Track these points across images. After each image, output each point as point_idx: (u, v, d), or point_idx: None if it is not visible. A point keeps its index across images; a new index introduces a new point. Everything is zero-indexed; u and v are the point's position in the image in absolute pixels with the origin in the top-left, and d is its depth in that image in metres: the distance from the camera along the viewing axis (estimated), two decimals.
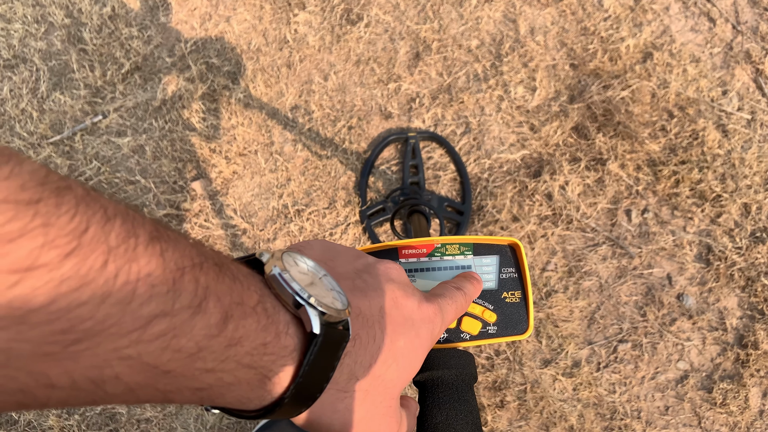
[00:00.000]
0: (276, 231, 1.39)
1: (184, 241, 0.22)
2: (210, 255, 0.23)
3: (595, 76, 1.46)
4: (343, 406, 0.29)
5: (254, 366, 0.24)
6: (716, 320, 1.28)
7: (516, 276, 0.48)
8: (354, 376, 0.29)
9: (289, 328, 0.25)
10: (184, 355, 0.21)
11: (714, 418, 1.23)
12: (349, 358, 0.29)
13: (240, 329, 0.23)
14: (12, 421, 1.29)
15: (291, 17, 1.54)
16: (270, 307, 0.25)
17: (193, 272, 0.21)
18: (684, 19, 1.51)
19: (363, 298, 0.31)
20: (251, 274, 0.26)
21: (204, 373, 0.22)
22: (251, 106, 1.47)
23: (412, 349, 0.32)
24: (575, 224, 1.35)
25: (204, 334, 0.21)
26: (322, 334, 0.25)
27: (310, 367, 0.25)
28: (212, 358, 0.22)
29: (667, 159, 1.38)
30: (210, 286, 0.22)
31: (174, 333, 0.20)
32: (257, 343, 0.24)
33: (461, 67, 1.48)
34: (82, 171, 1.45)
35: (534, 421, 1.24)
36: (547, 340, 1.29)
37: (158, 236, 0.21)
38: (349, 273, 0.33)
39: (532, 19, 1.52)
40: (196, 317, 0.21)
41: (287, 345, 0.25)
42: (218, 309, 0.22)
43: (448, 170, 1.41)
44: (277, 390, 0.25)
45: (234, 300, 0.23)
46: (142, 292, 0.19)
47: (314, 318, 0.25)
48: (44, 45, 1.55)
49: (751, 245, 1.32)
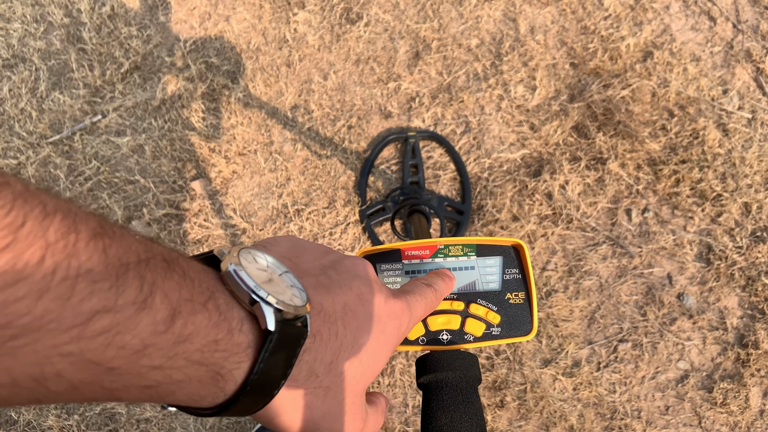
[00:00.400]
0: (276, 231, 1.38)
1: (130, 237, 0.22)
2: (159, 251, 0.23)
3: (595, 75, 1.45)
4: (303, 403, 0.28)
5: (205, 363, 0.23)
6: (717, 320, 1.28)
7: (520, 277, 0.47)
8: (314, 373, 0.29)
9: (243, 325, 0.25)
10: (129, 351, 0.20)
11: (714, 417, 1.23)
12: (309, 355, 0.28)
13: (189, 326, 0.22)
14: (12, 421, 1.29)
15: (290, 16, 1.54)
16: (223, 303, 0.25)
17: (138, 268, 0.21)
18: (684, 18, 1.50)
19: (326, 294, 0.31)
20: (205, 271, 0.26)
21: (151, 371, 0.22)
22: (251, 106, 1.47)
23: (377, 345, 0.32)
24: (575, 224, 1.35)
25: (150, 330, 0.21)
26: (277, 331, 0.25)
27: (266, 364, 0.25)
28: (159, 355, 0.21)
29: (668, 158, 1.38)
30: (157, 282, 0.21)
31: (117, 329, 0.20)
32: (208, 340, 0.23)
33: (461, 66, 1.48)
34: (81, 170, 1.44)
35: (534, 420, 1.24)
36: (547, 340, 1.29)
37: (102, 233, 0.20)
38: (314, 269, 0.33)
39: (532, 18, 1.51)
40: (142, 313, 0.21)
41: (240, 342, 0.25)
42: (165, 305, 0.21)
43: (447, 170, 1.41)
44: (231, 387, 0.25)
45: (183, 296, 0.22)
46: (82, 288, 0.19)
47: (269, 315, 0.25)
48: (43, 44, 1.55)
49: (752, 244, 1.31)
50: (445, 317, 0.46)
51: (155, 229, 1.39)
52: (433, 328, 0.45)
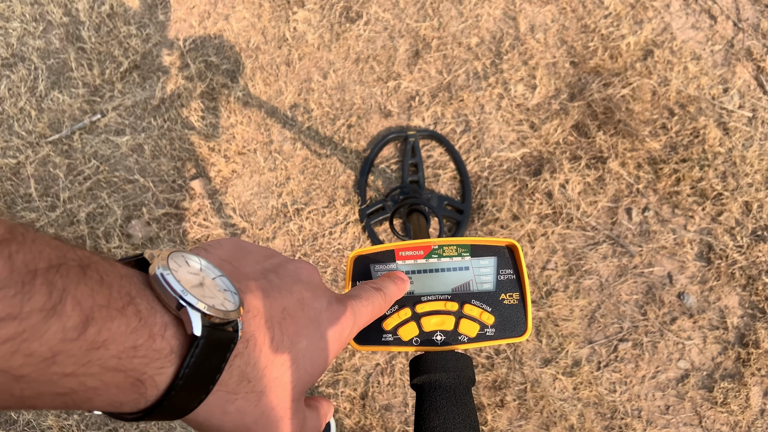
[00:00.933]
0: (275, 230, 1.38)
1: (42, 242, 0.22)
2: (74, 257, 0.23)
3: (595, 74, 1.45)
4: (234, 408, 0.28)
5: (122, 369, 0.23)
6: (717, 319, 1.28)
7: (514, 277, 0.47)
8: (245, 377, 0.28)
9: (167, 331, 0.25)
10: (37, 359, 0.20)
11: (715, 417, 1.23)
12: (240, 360, 0.28)
13: (104, 332, 0.22)
14: (11, 420, 1.29)
15: (290, 15, 1.54)
16: (144, 308, 0.24)
17: (48, 275, 0.21)
18: (685, 17, 1.50)
19: (264, 298, 0.31)
20: (128, 275, 0.25)
21: (63, 378, 0.21)
22: (250, 105, 1.47)
23: (315, 350, 0.32)
24: (575, 223, 1.35)
25: (60, 338, 0.20)
26: (203, 336, 0.25)
27: (191, 370, 0.25)
28: (71, 362, 0.21)
29: (668, 157, 1.37)
30: (68, 289, 0.21)
31: (23, 337, 0.19)
32: (126, 346, 0.23)
33: (461, 65, 1.47)
34: (80, 170, 1.44)
35: (534, 420, 1.24)
36: (548, 339, 1.29)
37: (9, 239, 0.20)
38: (256, 273, 0.33)
39: (532, 16, 1.51)
40: (50, 320, 0.20)
41: (162, 348, 0.24)
42: (77, 312, 0.21)
43: (447, 169, 1.40)
44: (153, 392, 0.25)
45: (97, 302, 0.22)
46: None
47: (195, 320, 0.25)
48: (42, 43, 1.55)
49: (752, 244, 1.31)
50: (439, 318, 0.45)
51: (155, 228, 1.39)
52: (427, 328, 0.45)
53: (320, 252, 1.36)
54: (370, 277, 0.47)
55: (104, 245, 1.37)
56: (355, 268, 0.47)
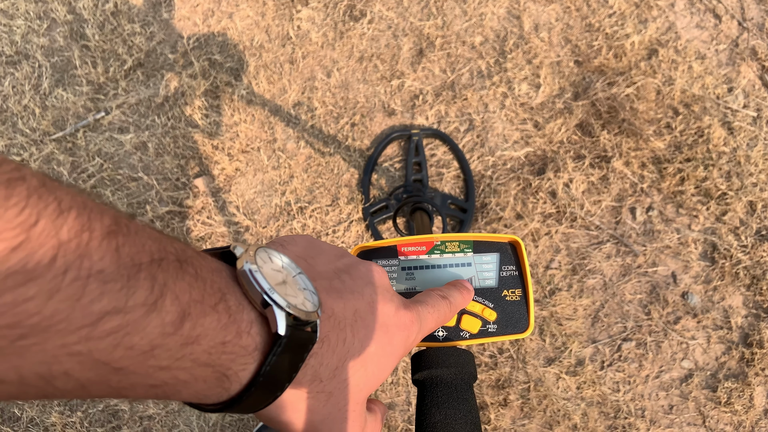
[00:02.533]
0: (279, 228, 1.38)
1: (144, 234, 0.22)
2: (172, 250, 0.23)
3: (599, 73, 1.45)
4: (305, 406, 0.29)
5: (212, 364, 0.23)
6: (721, 319, 1.28)
7: (516, 274, 0.47)
8: (318, 377, 0.29)
9: (252, 328, 0.25)
10: (136, 352, 0.20)
11: (718, 417, 1.23)
12: (314, 360, 0.28)
13: (198, 328, 0.22)
14: (15, 417, 1.29)
15: (294, 13, 1.54)
16: (233, 305, 0.25)
17: (151, 269, 0.21)
18: (689, 16, 1.50)
19: (338, 299, 0.31)
20: (218, 270, 0.25)
21: (158, 371, 0.22)
22: (254, 103, 1.47)
23: (383, 355, 0.32)
24: (579, 222, 1.35)
25: (159, 332, 0.21)
26: (286, 336, 0.25)
27: (272, 367, 0.25)
28: (167, 356, 0.21)
29: (672, 156, 1.37)
30: (168, 284, 0.21)
31: (126, 330, 0.20)
32: (216, 342, 0.23)
33: (465, 64, 1.47)
34: (84, 168, 1.44)
35: (537, 419, 1.24)
36: (551, 339, 1.28)
37: (116, 230, 0.20)
38: (329, 272, 0.33)
39: (537, 15, 1.51)
40: (151, 315, 0.20)
41: (248, 344, 0.25)
42: (175, 307, 0.21)
43: (451, 168, 1.40)
44: (236, 387, 0.25)
45: (193, 298, 0.22)
46: (93, 289, 0.19)
47: (280, 319, 0.25)
48: (47, 41, 1.55)
49: (757, 243, 1.31)
50: None
51: (158, 226, 1.39)
52: None
53: None
54: None
55: None
56: None
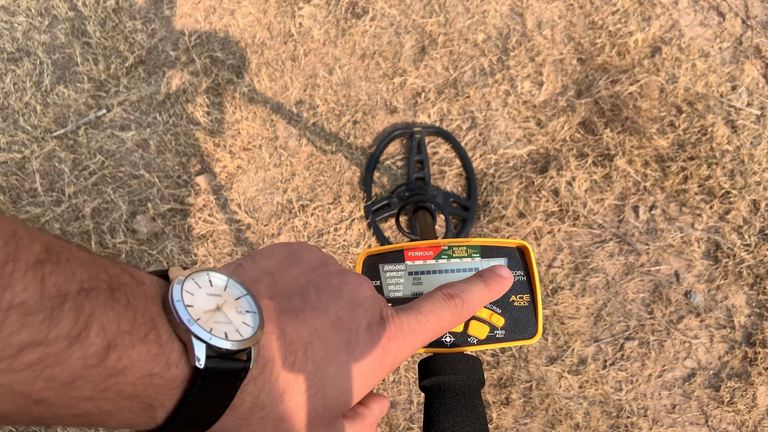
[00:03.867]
0: (280, 226, 1.38)
1: (77, 262, 0.21)
2: (105, 278, 0.22)
3: (602, 71, 1.44)
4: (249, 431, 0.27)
5: (137, 396, 0.23)
6: (724, 318, 1.27)
7: (525, 279, 0.47)
8: (258, 404, 0.27)
9: (181, 359, 0.24)
10: (57, 383, 0.20)
11: (721, 416, 1.22)
12: (254, 386, 0.27)
13: (124, 359, 0.22)
14: None
15: (296, 10, 1.53)
16: (164, 335, 0.24)
17: (77, 299, 0.20)
18: (693, 14, 1.49)
19: (292, 318, 0.29)
20: (153, 297, 0.24)
21: (81, 401, 0.21)
22: (255, 101, 1.46)
23: (345, 377, 0.30)
24: (582, 220, 1.34)
25: (81, 364, 0.20)
26: (206, 368, 0.24)
27: (194, 400, 0.24)
28: (90, 387, 0.21)
29: (676, 155, 1.37)
30: (95, 314, 0.21)
31: (47, 362, 0.19)
32: (143, 374, 0.22)
33: (467, 62, 1.47)
34: (86, 165, 1.44)
35: (539, 418, 1.23)
36: (553, 338, 1.28)
37: (45, 259, 0.20)
38: (293, 288, 0.31)
39: (540, 12, 1.50)
40: (74, 347, 0.20)
41: (176, 376, 0.24)
42: (101, 339, 0.21)
43: (453, 165, 1.40)
44: (162, 415, 0.24)
45: (122, 329, 0.22)
46: (13, 321, 0.18)
47: (199, 350, 0.24)
48: (48, 38, 1.54)
49: (760, 242, 1.30)
50: None
51: (160, 224, 1.39)
52: None
53: (325, 249, 1.35)
54: (378, 277, 0.47)
55: (109, 241, 1.37)
56: (365, 267, 0.47)
